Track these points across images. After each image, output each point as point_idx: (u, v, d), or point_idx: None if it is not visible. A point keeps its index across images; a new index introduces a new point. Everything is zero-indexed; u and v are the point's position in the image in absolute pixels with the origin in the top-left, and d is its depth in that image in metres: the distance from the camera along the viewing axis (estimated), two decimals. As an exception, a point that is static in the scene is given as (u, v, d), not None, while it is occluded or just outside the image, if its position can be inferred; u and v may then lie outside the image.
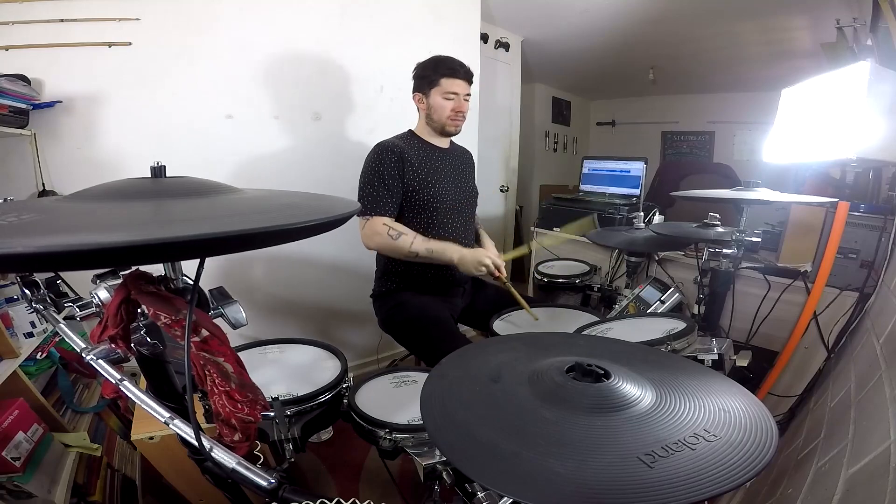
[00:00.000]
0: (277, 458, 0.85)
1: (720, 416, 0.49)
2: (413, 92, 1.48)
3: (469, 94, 1.45)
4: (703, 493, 0.38)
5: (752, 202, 1.27)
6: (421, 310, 1.39)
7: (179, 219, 0.46)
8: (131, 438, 1.01)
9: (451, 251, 1.33)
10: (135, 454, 1.41)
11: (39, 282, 0.68)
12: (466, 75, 1.42)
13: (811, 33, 2.57)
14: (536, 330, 1.31)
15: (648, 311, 1.61)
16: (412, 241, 1.34)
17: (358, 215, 1.36)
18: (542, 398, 0.52)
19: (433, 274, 1.45)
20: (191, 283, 0.58)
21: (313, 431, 0.95)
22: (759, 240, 1.28)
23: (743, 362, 1.16)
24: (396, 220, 1.39)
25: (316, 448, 1.70)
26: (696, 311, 1.43)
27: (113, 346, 0.59)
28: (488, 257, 1.31)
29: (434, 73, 1.41)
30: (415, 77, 1.47)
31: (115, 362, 0.60)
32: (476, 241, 1.64)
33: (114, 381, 0.58)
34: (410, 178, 1.40)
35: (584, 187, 2.54)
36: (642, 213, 1.88)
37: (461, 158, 1.59)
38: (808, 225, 1.51)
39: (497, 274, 1.32)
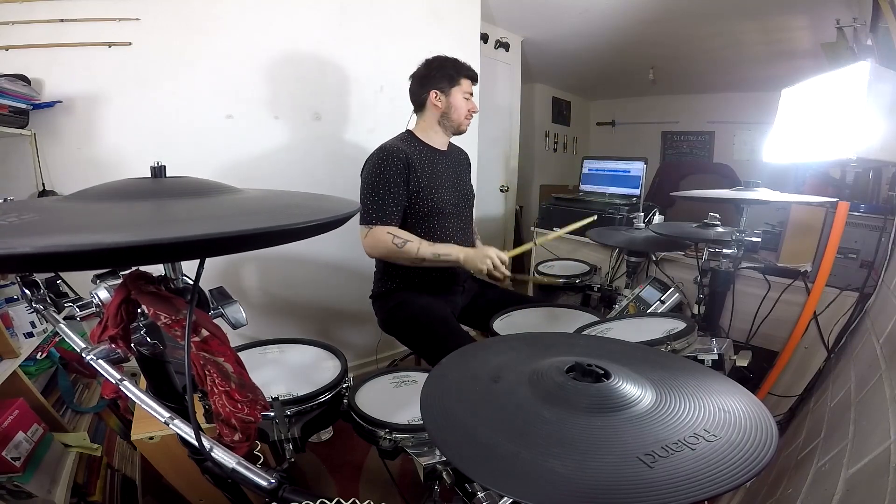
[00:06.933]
0: (277, 458, 0.85)
1: (720, 416, 0.49)
2: (428, 89, 1.42)
3: None
4: (703, 493, 0.38)
5: (751, 202, 1.27)
6: (423, 308, 1.38)
7: (179, 219, 0.46)
8: (131, 438, 1.01)
9: (455, 251, 1.35)
10: (135, 454, 1.41)
11: (39, 282, 0.68)
12: (476, 79, 1.48)
13: (811, 33, 2.56)
14: (536, 330, 1.31)
15: (648, 311, 1.61)
16: (418, 248, 1.33)
17: (361, 224, 1.35)
18: (542, 398, 0.52)
19: (435, 273, 1.45)
20: (191, 283, 0.58)
21: (313, 431, 0.95)
22: (759, 240, 1.27)
23: (743, 362, 1.16)
24: (399, 227, 1.37)
25: (316, 448, 1.70)
26: (696, 311, 1.43)
27: (113, 346, 0.59)
28: (493, 250, 1.34)
29: (457, 72, 1.41)
30: (432, 73, 1.42)
31: (115, 362, 0.60)
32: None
33: (114, 381, 0.58)
34: (415, 184, 1.38)
35: (584, 187, 2.54)
36: (642, 213, 1.88)
37: (458, 159, 1.59)
38: (807, 225, 1.51)
39: (500, 273, 1.34)
